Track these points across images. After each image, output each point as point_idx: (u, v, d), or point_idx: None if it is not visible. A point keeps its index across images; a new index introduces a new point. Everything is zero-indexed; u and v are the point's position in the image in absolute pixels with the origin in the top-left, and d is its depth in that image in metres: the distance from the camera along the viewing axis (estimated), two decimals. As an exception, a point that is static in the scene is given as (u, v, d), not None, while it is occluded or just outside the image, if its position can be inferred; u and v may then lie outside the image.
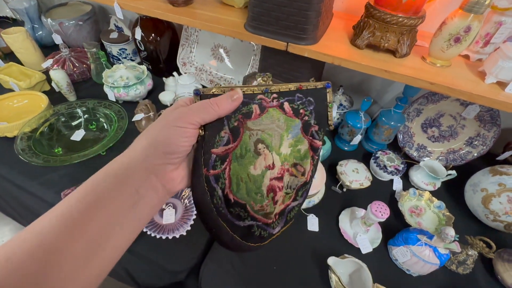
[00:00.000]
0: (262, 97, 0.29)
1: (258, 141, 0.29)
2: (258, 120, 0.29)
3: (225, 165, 0.28)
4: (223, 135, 0.28)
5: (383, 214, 0.62)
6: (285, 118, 0.30)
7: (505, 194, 0.68)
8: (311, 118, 0.31)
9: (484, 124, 0.81)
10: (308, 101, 0.31)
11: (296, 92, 0.30)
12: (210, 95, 0.27)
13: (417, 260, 0.62)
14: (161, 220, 0.70)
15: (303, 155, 0.31)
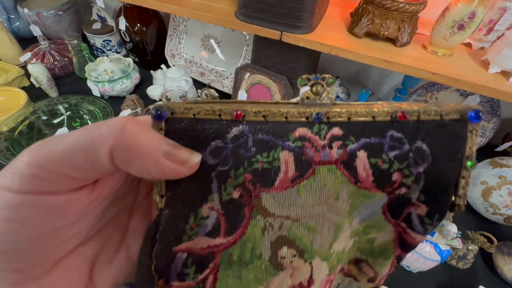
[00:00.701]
0: (307, 135, 0.13)
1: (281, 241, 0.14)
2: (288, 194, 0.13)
3: (205, 274, 0.14)
4: (205, 213, 0.13)
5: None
6: (353, 190, 0.13)
7: (505, 187, 0.67)
8: (414, 190, 0.13)
9: (484, 115, 0.79)
10: (418, 152, 0.13)
11: (390, 127, 0.13)
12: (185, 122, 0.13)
13: (417, 257, 0.61)
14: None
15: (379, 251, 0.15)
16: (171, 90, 0.82)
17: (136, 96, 0.90)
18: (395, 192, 0.13)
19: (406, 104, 0.13)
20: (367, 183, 0.13)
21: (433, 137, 0.13)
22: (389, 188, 0.13)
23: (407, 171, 0.13)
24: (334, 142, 0.13)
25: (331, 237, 0.14)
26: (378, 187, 0.13)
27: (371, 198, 0.14)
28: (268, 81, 0.77)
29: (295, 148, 0.13)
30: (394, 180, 0.13)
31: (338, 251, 0.15)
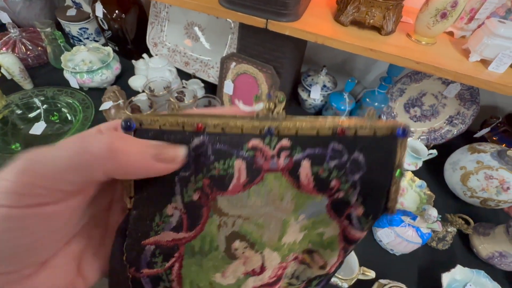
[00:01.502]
0: (259, 146, 0.14)
1: (234, 236, 0.16)
2: (240, 197, 0.15)
3: (171, 262, 0.15)
4: (170, 212, 0.15)
5: (368, 198, 0.62)
6: (296, 194, 0.16)
7: (482, 171, 0.70)
8: (352, 194, 0.16)
9: (464, 102, 0.82)
10: (355, 162, 0.15)
11: (331, 139, 0.15)
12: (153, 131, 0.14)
13: (400, 241, 0.63)
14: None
15: (327, 243, 0.17)
16: (154, 81, 0.79)
17: (118, 87, 0.87)
18: (334, 196, 0.16)
19: (346, 120, 0.15)
20: (308, 188, 0.16)
21: (368, 150, 0.15)
22: (328, 192, 0.16)
23: (344, 178, 0.15)
24: (282, 152, 0.15)
25: (278, 231, 0.17)
26: (319, 192, 0.16)
27: (312, 200, 0.16)
28: (255, 71, 0.76)
29: (247, 157, 0.15)
30: (332, 186, 0.16)
31: (289, 243, 0.17)
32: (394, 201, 0.15)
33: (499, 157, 0.69)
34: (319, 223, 0.17)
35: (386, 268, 0.64)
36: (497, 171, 0.68)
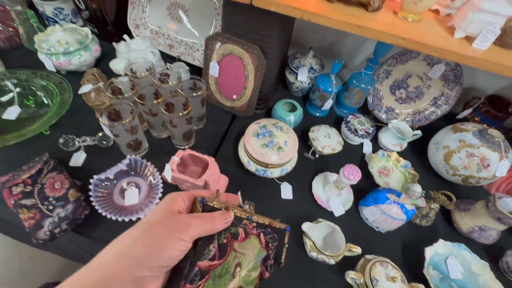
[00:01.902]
0: (247, 223, 0.31)
1: (237, 264, 0.30)
2: (243, 244, 0.30)
3: (202, 282, 0.26)
4: (211, 248, 0.27)
5: (354, 177, 0.62)
6: (259, 248, 0.32)
7: (464, 150, 0.72)
8: (272, 253, 0.34)
9: (448, 83, 0.83)
10: (274, 237, 0.34)
11: (268, 227, 0.33)
12: (210, 207, 0.28)
13: (386, 218, 0.64)
14: (122, 202, 0.64)
15: (251, 281, 0.32)
16: (136, 62, 0.76)
17: (98, 70, 0.83)
18: (268, 252, 0.33)
19: (272, 221, 0.33)
20: (263, 246, 0.32)
21: (277, 233, 0.34)
22: (267, 250, 0.33)
23: (272, 244, 0.33)
24: (254, 228, 0.31)
25: (246, 265, 0.31)
26: (265, 248, 0.33)
27: (263, 253, 0.32)
28: (240, 51, 0.74)
29: (243, 226, 0.30)
30: (269, 247, 0.33)
31: (241, 277, 0.30)
32: (284, 258, 0.35)
33: (481, 135, 0.71)
34: (254, 268, 0.32)
35: (371, 245, 0.65)
36: (478, 149, 0.70)
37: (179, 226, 0.23)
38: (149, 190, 0.67)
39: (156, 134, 0.79)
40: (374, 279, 0.53)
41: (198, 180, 0.62)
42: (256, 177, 0.73)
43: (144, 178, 0.69)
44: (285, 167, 0.71)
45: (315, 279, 0.60)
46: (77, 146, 0.72)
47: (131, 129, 0.65)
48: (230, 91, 0.85)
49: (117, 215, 0.59)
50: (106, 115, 0.65)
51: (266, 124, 0.71)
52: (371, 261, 0.57)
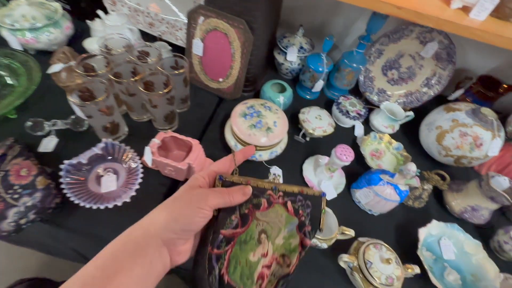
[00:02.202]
0: (271, 193, 0.33)
1: (262, 231, 0.32)
2: (266, 213, 0.32)
3: (228, 247, 0.30)
4: (233, 218, 0.31)
5: (347, 157, 0.59)
6: (287, 215, 0.33)
7: (457, 129, 0.70)
8: (306, 219, 0.34)
9: (441, 62, 0.81)
10: (307, 204, 0.34)
11: (298, 194, 0.34)
12: (229, 182, 0.31)
13: (379, 200, 0.62)
14: (98, 189, 0.59)
15: (293, 249, 0.33)
16: (111, 38, 0.69)
17: (70, 48, 0.76)
18: (301, 219, 0.32)
19: (303, 189, 0.32)
20: (291, 213, 0.32)
21: (311, 200, 0.33)
22: (298, 216, 0.32)
23: (304, 211, 0.32)
24: (279, 197, 0.32)
25: (277, 234, 0.32)
26: (295, 215, 0.32)
27: (293, 219, 0.32)
28: (226, 26, 0.69)
29: (266, 196, 0.31)
30: (300, 213, 0.32)
31: (277, 244, 0.32)
32: (323, 224, 0.33)
33: (474, 114, 0.69)
34: (291, 236, 0.32)
35: (364, 228, 0.63)
36: (471, 128, 0.68)
37: (196, 197, 0.28)
38: (128, 176, 0.62)
39: (136, 117, 0.73)
40: (368, 261, 0.51)
41: (180, 163, 0.57)
42: (244, 161, 0.69)
43: (122, 163, 0.63)
44: (275, 150, 0.67)
45: (307, 263, 0.58)
46: (47, 130, 0.66)
47: (106, 110, 0.59)
48: (216, 72, 0.80)
49: (92, 203, 0.54)
50: (78, 95, 0.59)
51: (254, 104, 0.66)
52: (364, 243, 0.55)
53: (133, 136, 0.70)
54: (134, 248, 0.26)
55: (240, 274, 0.31)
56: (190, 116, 0.78)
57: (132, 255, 0.25)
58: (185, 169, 0.57)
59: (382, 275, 0.50)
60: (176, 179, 0.64)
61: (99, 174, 0.61)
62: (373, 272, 0.50)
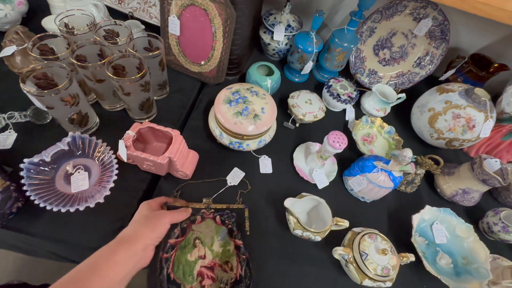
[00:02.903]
0: (204, 211, 0.52)
1: (196, 238, 0.49)
2: (199, 225, 0.50)
3: (173, 252, 0.45)
4: (176, 231, 0.47)
5: (340, 144, 0.56)
6: (216, 225, 0.51)
7: (450, 111, 0.68)
8: (233, 226, 0.51)
9: (434, 40, 0.77)
10: (232, 215, 0.52)
11: (226, 209, 0.52)
12: (173, 207, 0.49)
13: (372, 187, 0.60)
14: (68, 189, 0.52)
15: (231, 254, 0.48)
16: (72, 15, 0.60)
17: (24, 27, 0.66)
18: (228, 227, 0.52)
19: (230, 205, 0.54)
20: (219, 223, 0.52)
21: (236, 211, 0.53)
22: (225, 225, 0.52)
23: (230, 220, 0.52)
24: (211, 213, 0.53)
25: (210, 240, 0.50)
26: (222, 224, 0.52)
27: (221, 228, 0.52)
28: (204, 1, 0.61)
29: (201, 214, 0.52)
30: (226, 223, 0.52)
31: (216, 251, 0.49)
32: (247, 227, 0.51)
33: (467, 95, 0.67)
34: (226, 243, 0.49)
35: (357, 216, 0.61)
36: (464, 109, 0.66)
37: (161, 215, 0.44)
38: (101, 173, 0.55)
39: (108, 106, 0.66)
40: (364, 253, 0.49)
41: (160, 157, 0.52)
42: (230, 151, 0.65)
43: (94, 159, 0.57)
44: (263, 138, 0.62)
45: (300, 257, 0.55)
46: (3, 124, 0.57)
47: (70, 99, 0.52)
48: (196, 53, 0.72)
49: (61, 205, 0.48)
50: (33, 82, 0.51)
51: (239, 89, 0.61)
52: (359, 234, 0.52)
53: (106, 128, 0.63)
54: (125, 240, 0.40)
55: (182, 272, 0.44)
56: (169, 104, 0.71)
57: (122, 244, 0.39)
58: (165, 163, 0.52)
59: (378, 266, 0.48)
60: (156, 174, 0.59)
61: (68, 172, 0.54)
62: (368, 263, 0.48)
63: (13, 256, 1.12)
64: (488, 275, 0.54)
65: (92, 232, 0.51)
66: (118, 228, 0.52)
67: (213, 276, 0.46)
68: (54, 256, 0.66)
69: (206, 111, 0.72)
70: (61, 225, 0.50)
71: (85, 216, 0.50)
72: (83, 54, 0.56)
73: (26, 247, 0.65)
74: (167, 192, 0.58)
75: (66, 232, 0.50)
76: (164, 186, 0.59)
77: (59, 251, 0.62)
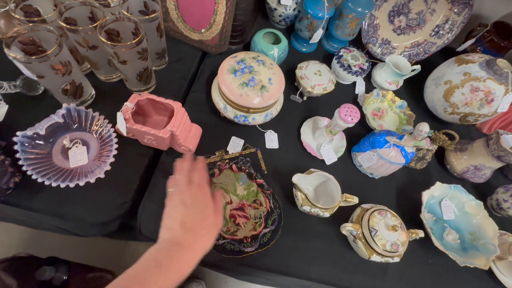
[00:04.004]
0: (220, 163, 0.55)
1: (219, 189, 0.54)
2: (218, 178, 0.55)
3: None
4: None
5: (353, 118, 0.52)
6: (234, 174, 0.55)
7: (468, 84, 0.64)
8: (251, 169, 0.56)
9: (456, 6, 0.71)
10: (247, 160, 0.57)
11: (239, 156, 0.58)
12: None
13: (383, 163, 0.58)
14: (66, 163, 0.50)
15: (256, 193, 0.55)
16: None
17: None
18: (245, 171, 0.56)
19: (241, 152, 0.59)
20: (236, 171, 0.56)
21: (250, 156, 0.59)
22: (243, 171, 0.57)
23: (246, 165, 0.57)
24: (226, 164, 0.56)
25: (233, 187, 0.55)
26: (239, 171, 0.56)
27: (240, 175, 0.56)
28: (205, -44, 0.54)
29: (217, 167, 0.56)
30: (243, 168, 0.56)
31: (243, 194, 0.55)
32: (263, 166, 0.59)
33: (488, 66, 0.63)
34: (249, 185, 0.55)
35: (365, 193, 0.60)
36: (484, 82, 0.62)
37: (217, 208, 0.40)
38: (100, 148, 0.53)
39: (103, 76, 0.62)
40: (373, 229, 0.48)
41: (162, 131, 0.49)
42: (235, 125, 0.62)
43: (92, 133, 0.54)
44: (270, 112, 0.59)
45: (307, 234, 0.55)
46: (-8, 95, 0.54)
47: (61, 67, 0.47)
48: (196, 19, 0.66)
49: (60, 180, 0.46)
50: (20, 48, 0.46)
51: (244, 58, 0.56)
52: (368, 210, 0.51)
53: (102, 100, 0.60)
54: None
55: None
56: (169, 75, 0.67)
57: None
58: (167, 137, 0.49)
59: (387, 242, 0.47)
60: (158, 148, 0.56)
61: (66, 146, 0.52)
62: (377, 239, 0.47)
63: (19, 229, 1.13)
64: (495, 251, 0.53)
65: (94, 207, 0.49)
66: (121, 203, 0.51)
67: (245, 215, 0.52)
68: (59, 229, 0.66)
69: (208, 83, 0.67)
70: (61, 201, 0.49)
71: (86, 191, 0.49)
72: (72, 17, 0.51)
73: (30, 221, 0.65)
74: (170, 168, 0.56)
75: (67, 207, 0.49)
76: (166, 161, 0.56)
77: (62, 225, 0.62)
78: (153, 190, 0.53)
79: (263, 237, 0.50)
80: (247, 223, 0.52)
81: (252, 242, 0.49)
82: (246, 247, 0.48)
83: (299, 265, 0.52)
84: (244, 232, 0.50)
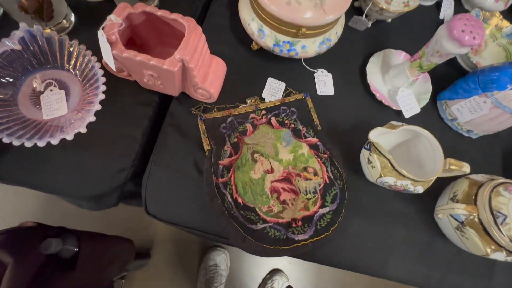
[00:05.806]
0: (254, 116, 0.40)
1: (254, 152, 0.38)
2: (252, 136, 0.39)
3: (230, 174, 0.36)
4: (226, 149, 0.37)
5: (475, 37, 0.32)
6: (273, 130, 0.40)
7: None
8: (298, 124, 0.40)
9: None
10: (291, 111, 0.41)
11: (280, 105, 0.41)
12: (210, 120, 0.38)
13: (498, 114, 0.38)
14: (38, 114, 0.35)
15: (307, 157, 0.39)
16: None
17: None
18: (290, 127, 0.40)
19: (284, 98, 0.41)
20: (277, 127, 0.40)
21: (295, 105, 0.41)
22: (286, 126, 0.40)
23: (290, 118, 0.41)
24: (263, 117, 0.40)
25: (273, 150, 0.39)
26: (282, 127, 0.40)
27: (282, 132, 0.40)
28: None
29: (250, 121, 0.40)
30: (286, 122, 0.40)
31: (286, 159, 0.38)
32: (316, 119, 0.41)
33: None
34: (296, 147, 0.39)
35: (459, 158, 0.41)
36: None
37: None
38: (84, 93, 0.37)
39: (84, -7, 0.43)
40: (499, 213, 0.31)
41: (167, 61, 0.31)
42: (273, 60, 0.43)
43: (71, 71, 0.38)
44: (328, 37, 0.39)
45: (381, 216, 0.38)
46: None
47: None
48: None
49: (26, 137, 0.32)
50: None
51: None
52: (484, 185, 0.33)
53: (87, 27, 0.42)
54: None
55: (251, 193, 0.36)
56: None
57: None
58: (176, 70, 0.32)
59: (522, 234, 0.30)
60: (165, 93, 0.40)
61: (36, 89, 0.36)
62: (506, 229, 0.30)
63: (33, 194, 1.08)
64: None
65: (80, 176, 0.35)
66: (117, 171, 0.36)
67: (292, 188, 0.37)
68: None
69: (231, 2, 0.47)
70: (33, 165, 0.35)
71: (66, 153, 0.34)
72: None
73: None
74: (182, 121, 0.39)
75: (41, 175, 0.35)
76: (178, 112, 0.40)
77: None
78: (161, 152, 0.38)
79: (320, 219, 0.34)
80: (296, 199, 0.36)
81: (305, 227, 0.34)
82: (297, 234, 0.33)
83: (370, 259, 0.37)
84: (292, 213, 0.35)
